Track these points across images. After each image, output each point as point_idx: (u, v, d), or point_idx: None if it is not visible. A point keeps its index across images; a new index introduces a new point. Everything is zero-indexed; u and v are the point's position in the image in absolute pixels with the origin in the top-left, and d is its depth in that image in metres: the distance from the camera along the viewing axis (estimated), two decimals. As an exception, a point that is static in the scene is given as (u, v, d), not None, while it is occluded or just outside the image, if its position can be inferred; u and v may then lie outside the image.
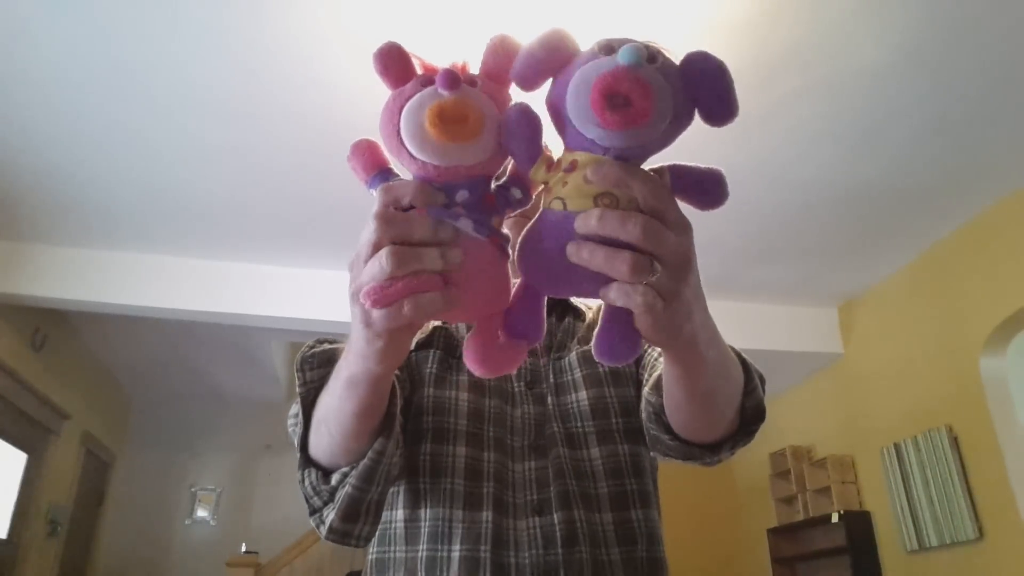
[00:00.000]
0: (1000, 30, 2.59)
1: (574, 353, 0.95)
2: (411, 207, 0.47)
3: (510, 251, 0.51)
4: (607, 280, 0.46)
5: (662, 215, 0.46)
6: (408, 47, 0.49)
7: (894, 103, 2.94)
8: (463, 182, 0.48)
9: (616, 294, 0.46)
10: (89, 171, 3.35)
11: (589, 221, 0.45)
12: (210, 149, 3.21)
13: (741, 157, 3.24)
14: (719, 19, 2.53)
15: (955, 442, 3.86)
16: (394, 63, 0.48)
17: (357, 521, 0.74)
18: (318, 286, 4.08)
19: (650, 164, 0.48)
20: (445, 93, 0.45)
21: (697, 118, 0.47)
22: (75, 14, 2.48)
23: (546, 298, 0.53)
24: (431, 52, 0.50)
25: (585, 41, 0.49)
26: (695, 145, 0.48)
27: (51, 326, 4.68)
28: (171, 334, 4.96)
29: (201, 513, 6.27)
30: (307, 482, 0.75)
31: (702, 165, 0.49)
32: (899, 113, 3.00)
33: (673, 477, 1.32)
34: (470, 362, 0.52)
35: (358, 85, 2.76)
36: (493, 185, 0.50)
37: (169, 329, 4.75)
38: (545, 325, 0.54)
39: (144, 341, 5.21)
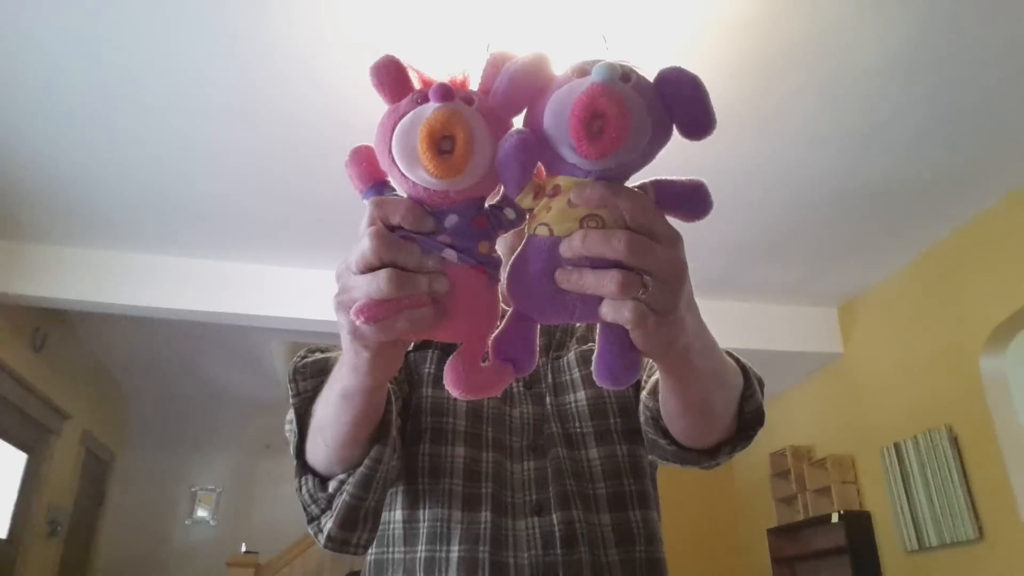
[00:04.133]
0: (1000, 30, 2.59)
1: (572, 352, 0.95)
2: (400, 226, 0.47)
3: (501, 275, 0.51)
4: (599, 302, 0.46)
5: (650, 229, 0.46)
6: (407, 59, 0.49)
7: (894, 103, 2.94)
8: (453, 206, 0.48)
9: (607, 309, 0.46)
10: (89, 172, 3.35)
11: (573, 243, 0.45)
12: (210, 150, 3.21)
13: (741, 157, 3.24)
14: (719, 19, 2.53)
15: (955, 442, 3.86)
16: (390, 78, 0.48)
17: (355, 529, 0.74)
18: (318, 286, 4.08)
19: (632, 181, 0.48)
20: (438, 105, 0.45)
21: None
22: (75, 16, 2.48)
23: (538, 325, 0.53)
24: (431, 56, 0.49)
25: (585, 45, 0.49)
26: (696, 147, 0.47)
27: (51, 326, 4.68)
28: (171, 334, 4.97)
29: (201, 513, 6.27)
30: (304, 490, 0.75)
31: (684, 178, 0.49)
32: (899, 113, 3.00)
33: (673, 477, 1.32)
34: (449, 383, 0.52)
35: (358, 86, 2.76)
36: (487, 204, 0.50)
37: (169, 329, 4.75)
38: (536, 354, 0.53)
39: (144, 341, 5.21)
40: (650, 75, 0.46)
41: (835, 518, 4.57)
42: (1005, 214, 3.63)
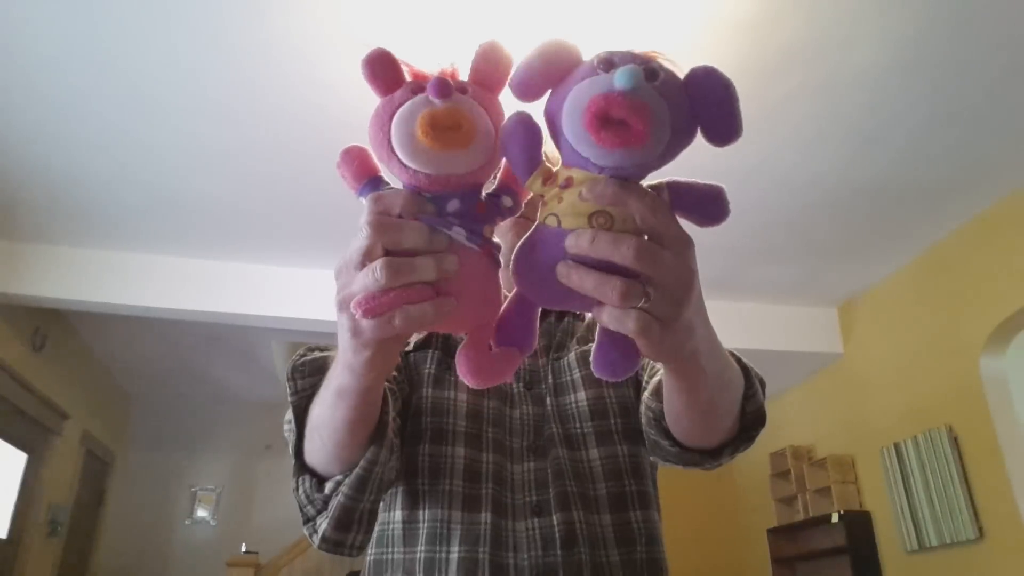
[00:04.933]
0: (1000, 30, 2.59)
1: (573, 353, 0.94)
2: (401, 217, 0.46)
3: (501, 260, 0.51)
4: (599, 300, 0.45)
5: (660, 234, 0.45)
6: (397, 53, 0.49)
7: (894, 103, 2.94)
8: (454, 191, 0.47)
9: (608, 318, 0.45)
10: (89, 171, 3.35)
11: (581, 242, 0.44)
12: (210, 149, 3.20)
13: (741, 157, 3.24)
14: (719, 19, 2.53)
15: (955, 442, 3.86)
16: (383, 70, 0.48)
17: (350, 530, 0.74)
18: (318, 286, 4.08)
19: (648, 180, 0.48)
20: (437, 101, 0.45)
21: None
22: (75, 15, 2.48)
23: (540, 308, 0.53)
24: (429, 53, 0.49)
25: (585, 45, 0.48)
26: (695, 147, 0.47)
27: (51, 326, 4.68)
28: (171, 334, 4.96)
29: (201, 513, 6.27)
30: (301, 490, 0.75)
31: (702, 181, 0.48)
32: (899, 113, 3.00)
33: (673, 477, 1.32)
34: (463, 373, 0.52)
35: (357, 85, 2.74)
36: (483, 194, 0.50)
37: (169, 329, 4.75)
38: (537, 335, 0.53)
39: (144, 341, 5.21)
40: (681, 69, 0.45)
41: (835, 518, 4.57)
42: (1005, 214, 3.63)
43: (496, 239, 0.51)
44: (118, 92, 2.85)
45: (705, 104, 0.44)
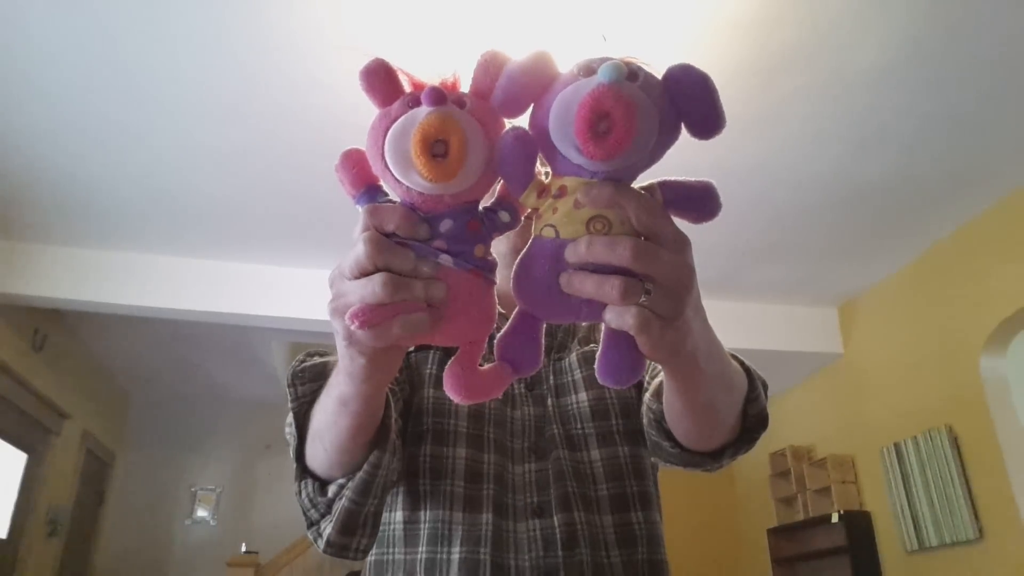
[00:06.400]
0: (1000, 30, 2.59)
1: (574, 354, 0.94)
2: (395, 233, 0.47)
3: (496, 277, 0.51)
4: (603, 304, 0.46)
5: (657, 234, 0.46)
6: (396, 62, 0.48)
7: (894, 103, 2.94)
8: (447, 211, 0.48)
9: (610, 315, 0.46)
10: (89, 171, 3.35)
11: (578, 249, 0.45)
12: (211, 149, 3.20)
13: (741, 157, 3.24)
14: (719, 19, 2.53)
15: (955, 442, 3.86)
16: (380, 81, 0.48)
17: (355, 534, 0.74)
18: (318, 286, 4.06)
19: (640, 182, 0.48)
20: (430, 109, 0.45)
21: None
22: (76, 14, 2.48)
23: (543, 325, 0.53)
24: (432, 55, 0.49)
25: (585, 47, 0.48)
26: (696, 147, 0.47)
27: (51, 326, 4.67)
28: (171, 334, 4.96)
29: (201, 513, 6.27)
30: (304, 494, 0.75)
31: (693, 179, 0.48)
32: (899, 113, 3.00)
33: (673, 477, 1.32)
34: (449, 389, 0.52)
35: (358, 86, 2.76)
36: (481, 207, 0.50)
37: (169, 329, 4.75)
38: (542, 354, 0.53)
39: (144, 341, 5.21)
40: (658, 71, 0.46)
41: (835, 518, 4.57)
42: (1005, 214, 3.63)
43: (492, 251, 0.51)
44: (119, 92, 2.85)
45: (687, 99, 0.45)
